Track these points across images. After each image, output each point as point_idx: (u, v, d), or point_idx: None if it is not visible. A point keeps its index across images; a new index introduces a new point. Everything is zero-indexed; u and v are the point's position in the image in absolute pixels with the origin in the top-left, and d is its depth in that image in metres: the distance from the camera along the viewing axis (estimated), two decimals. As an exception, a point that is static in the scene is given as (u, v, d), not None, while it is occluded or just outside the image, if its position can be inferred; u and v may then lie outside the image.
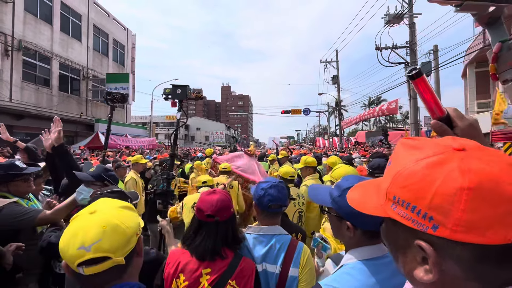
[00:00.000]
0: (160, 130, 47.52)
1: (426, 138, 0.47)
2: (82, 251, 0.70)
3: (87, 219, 0.77)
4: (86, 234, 0.72)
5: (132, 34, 21.94)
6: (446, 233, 0.38)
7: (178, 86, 2.47)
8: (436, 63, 10.87)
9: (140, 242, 0.85)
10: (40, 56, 13.48)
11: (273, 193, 1.39)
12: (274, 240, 1.34)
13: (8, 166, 1.89)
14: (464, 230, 0.37)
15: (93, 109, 17.00)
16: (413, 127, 11.61)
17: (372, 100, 44.07)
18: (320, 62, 22.64)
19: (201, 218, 1.24)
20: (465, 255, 0.39)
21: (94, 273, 0.71)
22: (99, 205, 0.84)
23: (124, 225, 0.77)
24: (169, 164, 2.49)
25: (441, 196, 0.38)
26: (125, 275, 0.79)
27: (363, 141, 20.59)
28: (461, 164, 0.39)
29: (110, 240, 0.73)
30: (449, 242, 0.38)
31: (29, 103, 12.64)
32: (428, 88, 0.67)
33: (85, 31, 16.40)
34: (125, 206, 0.85)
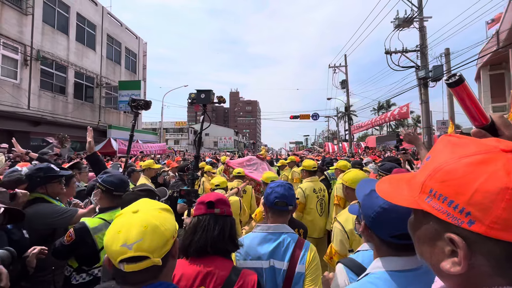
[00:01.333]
0: (170, 136, 48.17)
1: (470, 137, 0.47)
2: (125, 249, 0.73)
3: (130, 217, 0.80)
4: (128, 232, 0.76)
5: (143, 43, 22.56)
6: (482, 229, 0.39)
7: (202, 91, 2.56)
8: (448, 67, 10.66)
9: (176, 245, 0.87)
10: (57, 65, 14.01)
11: (280, 191, 1.46)
12: (282, 238, 1.39)
13: (47, 168, 2.01)
14: (501, 228, 0.38)
15: (105, 115, 17.47)
16: (426, 131, 11.36)
17: (381, 104, 43.48)
18: (329, 67, 22.60)
19: (201, 212, 1.24)
20: (496, 252, 0.40)
21: (133, 271, 0.74)
22: (141, 205, 0.87)
23: (164, 227, 0.80)
24: (193, 165, 2.60)
25: (482, 193, 0.39)
26: (161, 275, 0.82)
27: (373, 146, 20.26)
28: (507, 164, 0.40)
29: (150, 241, 0.76)
30: (482, 237, 0.39)
31: (46, 110, 13.12)
32: (470, 95, 0.64)
33: (99, 41, 16.99)
34: (164, 208, 0.88)
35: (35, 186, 1.94)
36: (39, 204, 1.91)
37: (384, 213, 0.82)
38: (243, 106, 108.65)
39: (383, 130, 38.88)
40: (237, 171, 3.92)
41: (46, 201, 1.96)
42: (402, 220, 0.75)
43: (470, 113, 0.66)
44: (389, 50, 11.73)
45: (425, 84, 10.94)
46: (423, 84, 10.94)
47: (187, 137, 52.03)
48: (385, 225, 0.81)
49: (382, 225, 0.82)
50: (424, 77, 10.80)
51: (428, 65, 11.02)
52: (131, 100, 2.73)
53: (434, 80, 10.72)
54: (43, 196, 1.95)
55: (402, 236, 0.79)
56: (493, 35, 12.72)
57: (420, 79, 10.97)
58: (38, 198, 1.93)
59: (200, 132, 2.56)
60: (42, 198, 1.95)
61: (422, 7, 10.90)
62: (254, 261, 1.35)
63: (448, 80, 0.65)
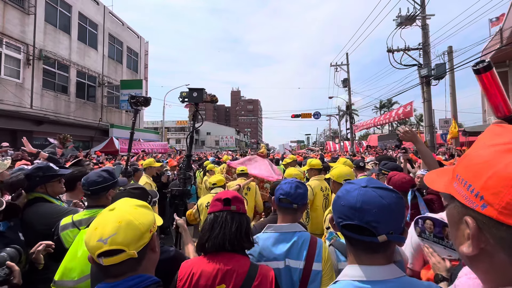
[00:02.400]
0: (171, 135, 48.28)
1: None
2: (100, 243, 0.79)
3: (107, 215, 0.87)
4: (104, 228, 0.81)
5: (145, 42, 22.58)
6: (494, 213, 0.40)
7: (194, 90, 2.54)
8: (451, 65, 10.59)
9: (154, 239, 0.90)
10: (59, 64, 14.07)
11: (285, 188, 1.47)
12: (296, 237, 1.39)
13: (47, 168, 1.99)
14: (510, 213, 0.38)
15: (107, 114, 17.53)
16: (428, 130, 11.30)
17: (383, 103, 43.31)
18: (331, 65, 22.53)
19: (218, 208, 1.25)
20: (508, 237, 0.39)
21: (111, 264, 0.79)
22: (118, 203, 0.93)
23: (138, 221, 0.85)
24: (185, 165, 2.57)
25: (496, 179, 0.40)
26: (140, 268, 0.86)
27: (375, 145, 20.19)
28: None
29: (124, 234, 0.81)
30: (494, 222, 0.40)
31: (48, 110, 13.18)
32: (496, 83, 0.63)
33: (101, 40, 17.04)
34: (141, 205, 0.94)
35: (35, 186, 1.93)
36: (40, 204, 1.88)
37: (337, 201, 0.81)
38: (244, 105, 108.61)
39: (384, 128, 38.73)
40: (240, 169, 3.91)
41: (46, 200, 1.93)
42: (351, 209, 0.75)
43: (494, 102, 0.64)
44: (391, 48, 11.67)
45: (428, 83, 10.87)
46: (426, 82, 10.88)
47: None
48: (336, 213, 0.81)
49: (335, 214, 0.82)
50: (426, 76, 10.73)
51: (431, 63, 10.96)
52: (130, 97, 2.70)
53: (436, 78, 10.66)
54: (43, 196, 1.94)
55: (351, 228, 0.75)
56: (497, 32, 12.61)
57: (423, 77, 10.90)
58: (38, 198, 1.91)
59: (192, 131, 2.54)
60: (42, 198, 1.93)
61: (425, 5, 10.82)
62: (270, 262, 1.34)
63: (476, 66, 0.64)
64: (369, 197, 0.76)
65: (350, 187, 0.82)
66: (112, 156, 11.88)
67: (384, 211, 0.74)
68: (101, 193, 1.71)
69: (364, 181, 0.82)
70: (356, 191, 0.78)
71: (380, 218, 0.73)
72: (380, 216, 0.74)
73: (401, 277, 0.75)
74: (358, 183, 0.82)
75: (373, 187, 0.78)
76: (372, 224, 0.73)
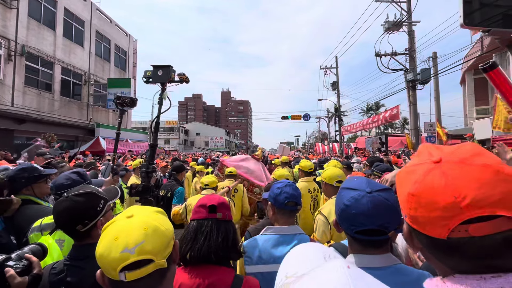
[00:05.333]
0: (160, 135, 47.54)
1: (432, 148, 0.55)
2: (126, 254, 0.66)
3: (126, 222, 0.74)
4: (128, 237, 0.69)
5: (133, 40, 22.17)
6: (409, 222, 0.51)
7: (160, 67, 2.24)
8: (435, 70, 10.97)
9: (176, 248, 0.82)
10: (43, 61, 13.59)
11: (289, 191, 1.44)
12: (297, 240, 1.37)
13: (32, 169, 1.92)
14: (413, 222, 0.50)
15: (94, 113, 17.06)
16: (413, 133, 11.65)
17: (370, 106, 44.30)
18: (320, 68, 22.86)
19: (202, 215, 1.17)
20: (423, 240, 0.50)
21: (135, 279, 0.67)
22: (134, 210, 0.82)
23: (164, 227, 0.76)
24: (148, 156, 2.23)
25: (401, 196, 0.53)
26: (165, 281, 0.75)
27: (363, 147, 20.60)
28: (420, 175, 0.50)
29: (153, 242, 0.70)
30: (412, 227, 0.51)
31: (31, 108, 12.69)
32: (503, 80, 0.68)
33: (87, 37, 16.58)
34: (159, 211, 0.85)
35: (20, 188, 1.85)
36: (28, 206, 1.82)
37: (346, 210, 0.83)
38: (234, 106, 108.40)
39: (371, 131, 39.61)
40: (229, 170, 3.83)
41: (34, 202, 1.87)
42: (363, 216, 0.80)
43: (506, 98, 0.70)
44: (379, 52, 11.97)
45: (413, 87, 11.22)
46: (412, 86, 11.22)
47: (177, 136, 51.47)
48: (348, 221, 0.83)
49: (346, 221, 0.84)
50: (412, 80, 11.08)
51: (416, 68, 11.32)
52: (116, 97, 2.56)
53: (422, 82, 11.01)
54: (30, 198, 1.87)
55: (366, 232, 0.80)
56: (478, 40, 13.16)
57: (409, 81, 11.24)
58: (25, 200, 1.85)
59: (158, 116, 2.23)
60: (30, 200, 1.86)
61: (411, 12, 11.18)
62: (269, 265, 1.30)
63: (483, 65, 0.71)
64: (377, 202, 0.81)
65: (356, 194, 0.84)
66: (99, 156, 11.57)
67: (392, 212, 0.82)
68: None
69: (364, 184, 0.86)
70: (364, 198, 0.82)
71: (390, 219, 0.82)
72: (390, 217, 0.82)
73: (397, 264, 0.82)
74: (360, 188, 0.86)
75: (377, 191, 0.84)
76: (385, 225, 0.81)
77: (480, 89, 16.54)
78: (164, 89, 2.31)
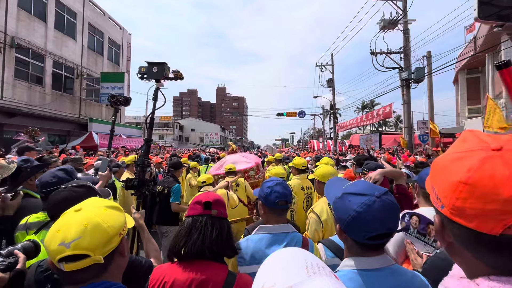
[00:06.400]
0: (154, 131, 47.03)
1: (482, 134, 0.49)
2: (62, 248, 0.72)
3: (71, 216, 0.79)
4: (67, 231, 0.74)
5: (127, 34, 21.78)
6: (447, 213, 0.47)
7: (155, 64, 2.29)
8: (429, 69, 11.08)
9: (124, 242, 0.85)
10: (33, 53, 13.25)
11: (280, 189, 1.43)
12: (289, 239, 1.38)
13: (32, 160, 2.00)
14: (456, 214, 0.45)
15: (86, 108, 16.77)
16: (407, 131, 11.79)
17: (365, 104, 44.58)
18: (316, 65, 22.87)
19: (197, 212, 1.17)
20: (461, 234, 0.46)
21: (73, 270, 0.72)
22: (86, 203, 0.85)
23: (106, 224, 0.78)
24: (144, 151, 2.25)
25: (446, 184, 0.47)
26: (105, 274, 0.79)
27: (357, 144, 20.79)
28: (477, 161, 0.44)
29: (90, 238, 0.74)
30: (450, 220, 0.47)
31: (21, 101, 12.40)
32: None
33: (80, 29, 16.21)
34: (111, 206, 0.86)
35: (25, 178, 1.89)
36: (26, 199, 1.81)
37: (359, 217, 0.82)
38: (230, 102, 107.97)
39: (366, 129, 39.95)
40: (228, 167, 3.92)
41: (32, 196, 1.88)
42: (377, 222, 0.81)
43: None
44: (374, 50, 12.02)
45: (408, 85, 11.32)
46: (406, 85, 11.32)
47: (172, 132, 51.07)
48: (360, 228, 0.82)
49: (358, 228, 0.83)
50: (406, 79, 11.17)
51: (411, 66, 11.41)
52: (110, 96, 2.58)
53: (416, 81, 11.12)
54: (28, 192, 1.87)
55: (376, 237, 0.82)
56: (471, 40, 13.31)
57: (403, 80, 11.33)
58: (24, 194, 1.85)
59: (152, 112, 2.27)
60: (27, 193, 1.86)
61: (407, 10, 11.23)
62: None
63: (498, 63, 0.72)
64: (388, 206, 0.83)
65: (366, 200, 0.83)
66: (92, 152, 11.41)
67: (397, 214, 0.86)
68: None
69: (371, 189, 0.87)
70: (376, 203, 0.83)
71: (396, 221, 0.86)
72: (397, 219, 0.86)
73: (392, 265, 0.86)
74: (368, 192, 0.85)
75: (383, 194, 0.85)
76: (392, 228, 0.84)
77: (472, 89, 16.78)
78: (159, 86, 2.35)
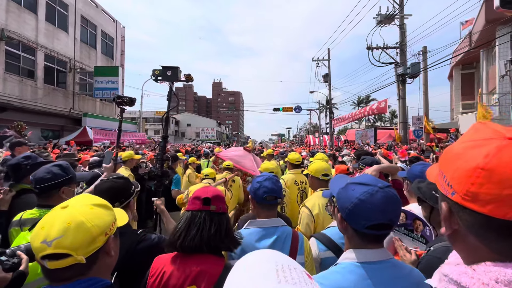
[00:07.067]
0: (150, 126, 46.68)
1: (496, 125, 0.50)
2: (44, 246, 0.71)
3: (57, 213, 0.78)
4: (50, 229, 0.73)
5: (121, 27, 21.37)
6: (459, 199, 0.47)
7: (168, 68, 2.50)
8: (425, 64, 11.12)
9: (110, 242, 0.82)
10: (24, 46, 12.94)
11: (268, 185, 1.45)
12: (279, 232, 1.41)
13: (34, 156, 1.98)
14: (470, 200, 0.45)
15: (80, 103, 16.51)
16: (402, 126, 11.88)
17: (361, 99, 44.74)
18: (312, 60, 22.78)
19: (196, 207, 1.18)
20: (470, 220, 0.47)
21: (56, 268, 0.72)
22: (73, 200, 0.83)
23: (90, 223, 0.76)
24: (161, 146, 2.56)
25: (460, 171, 0.47)
26: (90, 272, 0.78)
27: (353, 140, 20.91)
28: (494, 148, 0.45)
29: (73, 237, 0.72)
30: (460, 207, 0.48)
31: (12, 95, 12.14)
32: None
33: (72, 22, 15.84)
34: (99, 204, 0.84)
35: (24, 175, 1.88)
36: (29, 195, 1.80)
37: (361, 204, 0.84)
38: (226, 97, 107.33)
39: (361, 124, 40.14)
40: (226, 163, 4.03)
41: (33, 192, 1.86)
42: (378, 211, 0.83)
43: None
44: (370, 45, 12.01)
45: (403, 81, 11.37)
46: (401, 80, 11.36)
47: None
48: (361, 216, 0.84)
49: (359, 216, 0.85)
50: (402, 74, 11.21)
51: (407, 62, 11.44)
52: (116, 96, 2.76)
53: (411, 76, 11.16)
54: (30, 187, 1.83)
55: (375, 227, 0.83)
56: (466, 35, 13.36)
57: (399, 75, 11.37)
58: (25, 190, 1.86)
59: (167, 111, 2.54)
60: (29, 189, 1.83)
61: (403, 5, 11.20)
62: None
63: None
64: (390, 197, 0.85)
65: (369, 189, 0.86)
66: (87, 147, 11.27)
67: (399, 207, 0.87)
68: (51, 191, 1.54)
69: (375, 180, 0.90)
70: (379, 193, 0.85)
71: (398, 214, 0.88)
72: (398, 212, 0.88)
73: (391, 259, 0.88)
74: (371, 183, 0.88)
75: (386, 187, 0.87)
76: (393, 220, 0.85)
77: (467, 84, 16.92)
78: (172, 87, 2.61)
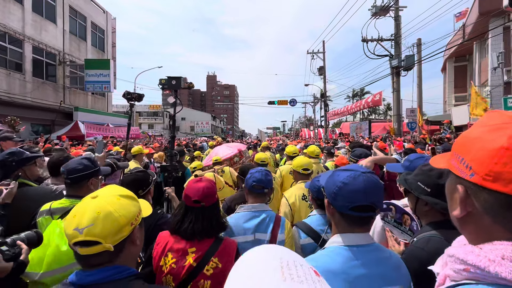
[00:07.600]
0: (144, 120, 46.17)
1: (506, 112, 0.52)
2: (76, 233, 0.77)
3: (87, 203, 0.83)
4: (82, 217, 0.79)
5: (112, 18, 20.81)
6: (479, 180, 0.48)
7: (173, 78, 2.90)
8: (419, 57, 11.15)
9: (135, 232, 0.87)
10: (11, 38, 12.52)
11: (257, 176, 1.70)
12: (265, 215, 1.64)
13: (20, 152, 1.99)
14: (492, 179, 0.46)
15: (71, 96, 16.16)
16: (396, 118, 11.97)
17: (356, 92, 44.87)
18: (307, 53, 22.65)
19: (188, 204, 1.33)
20: (490, 200, 0.48)
21: (87, 254, 0.78)
22: (102, 191, 0.89)
23: (118, 213, 0.81)
24: (171, 144, 3.11)
25: (483, 151, 0.48)
26: (117, 260, 0.83)
27: (347, 132, 21.03)
28: None
29: (102, 226, 0.78)
30: (479, 187, 0.48)
31: (0, 89, 11.82)
32: None
33: (60, 13, 15.35)
34: (125, 195, 0.89)
35: (10, 172, 1.90)
36: (26, 188, 1.84)
37: (344, 187, 0.93)
38: (220, 90, 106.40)
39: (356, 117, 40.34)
40: (215, 158, 4.38)
41: (28, 185, 1.91)
42: (360, 192, 0.91)
43: None
44: (365, 37, 11.95)
45: (398, 73, 11.39)
46: (396, 73, 11.39)
47: (162, 121, 50.16)
48: (345, 197, 0.92)
49: (343, 198, 0.93)
50: (397, 66, 11.22)
51: (401, 54, 11.44)
52: (126, 92, 3.04)
53: (406, 69, 11.19)
54: (24, 181, 1.91)
55: (359, 208, 0.91)
56: (460, 28, 13.40)
57: (393, 68, 11.38)
58: (21, 184, 1.87)
59: (173, 115, 2.95)
60: (24, 183, 1.90)
61: (398, -4, 11.12)
62: (240, 236, 1.54)
63: None
64: (371, 181, 0.93)
65: (352, 173, 0.95)
66: (78, 141, 11.09)
67: (381, 191, 0.94)
68: (82, 181, 1.64)
69: (359, 167, 1.00)
70: (361, 177, 0.93)
71: (380, 198, 0.94)
72: (380, 196, 0.94)
73: (374, 243, 0.97)
74: (355, 168, 0.98)
75: (368, 172, 0.96)
76: (375, 203, 0.92)
77: (460, 77, 17.07)
78: (177, 95, 2.98)
